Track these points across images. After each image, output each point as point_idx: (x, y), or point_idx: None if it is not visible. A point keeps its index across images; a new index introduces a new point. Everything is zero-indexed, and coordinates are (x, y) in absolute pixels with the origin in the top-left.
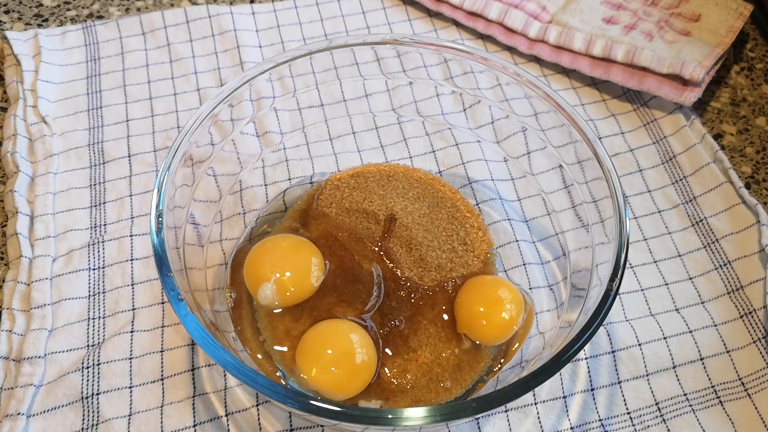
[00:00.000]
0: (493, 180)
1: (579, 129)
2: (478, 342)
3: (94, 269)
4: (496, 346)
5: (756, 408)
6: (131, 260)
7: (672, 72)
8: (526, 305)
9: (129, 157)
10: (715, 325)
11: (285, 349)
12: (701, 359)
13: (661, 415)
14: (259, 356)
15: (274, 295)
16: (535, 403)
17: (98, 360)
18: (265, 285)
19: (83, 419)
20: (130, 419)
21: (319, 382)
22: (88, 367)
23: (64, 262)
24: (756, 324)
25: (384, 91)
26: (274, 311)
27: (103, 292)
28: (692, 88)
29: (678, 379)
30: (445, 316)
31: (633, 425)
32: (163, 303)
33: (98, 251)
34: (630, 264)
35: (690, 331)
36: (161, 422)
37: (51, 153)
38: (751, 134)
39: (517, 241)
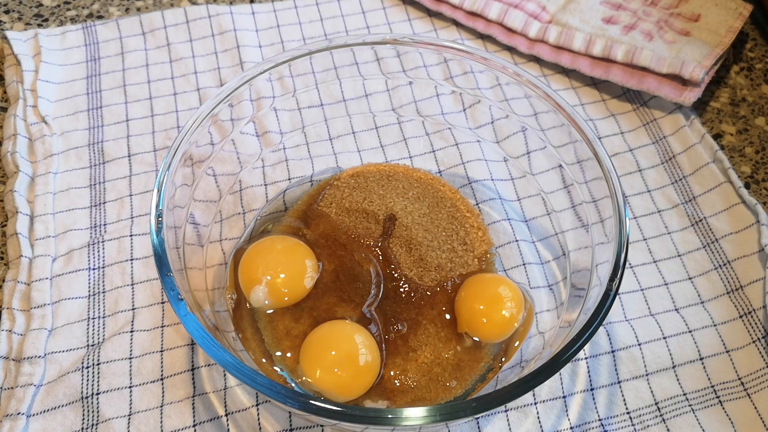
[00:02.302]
0: (493, 180)
1: (579, 129)
2: (477, 339)
3: (94, 269)
4: (497, 345)
5: (755, 408)
6: (131, 260)
7: (672, 72)
8: (526, 303)
9: (129, 156)
10: (715, 325)
11: (286, 349)
12: (701, 359)
13: (661, 415)
14: (261, 357)
15: (265, 297)
16: (535, 403)
17: (98, 360)
18: (257, 287)
19: (83, 419)
20: (129, 419)
21: (323, 383)
22: (88, 367)
23: (64, 261)
24: (755, 324)
25: (384, 91)
26: (268, 312)
27: (103, 292)
28: (692, 88)
29: (678, 379)
30: (447, 316)
31: (633, 425)
32: (163, 303)
33: (98, 251)
34: (630, 264)
35: (690, 331)
36: (161, 422)
37: (51, 153)
38: (750, 134)
39: (516, 240)
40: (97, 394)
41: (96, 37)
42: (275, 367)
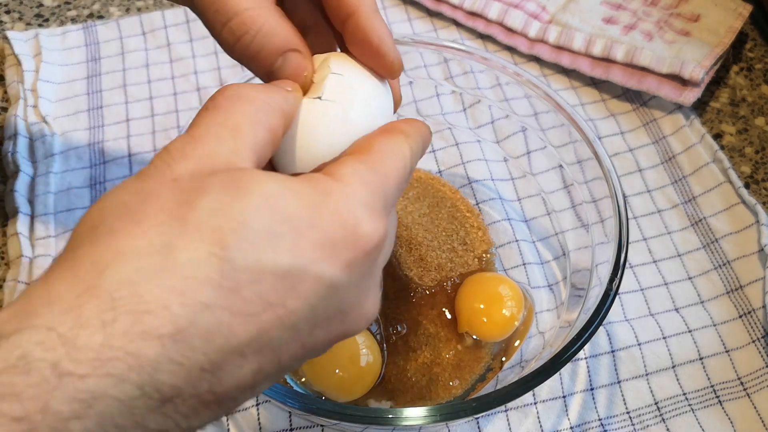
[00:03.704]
0: (493, 180)
1: (579, 129)
2: (478, 339)
3: None
4: (497, 345)
5: (755, 407)
6: None
7: (671, 72)
8: (526, 302)
9: (129, 157)
10: (715, 325)
11: None
12: (700, 359)
13: (661, 415)
14: None
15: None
16: (535, 403)
17: None
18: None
19: None
20: None
21: (324, 384)
22: None
23: None
24: (755, 324)
25: None
26: None
27: None
28: (692, 88)
29: (677, 379)
30: (447, 316)
31: (632, 425)
32: None
33: None
34: (630, 264)
35: (689, 331)
36: None
37: (51, 153)
38: (750, 134)
39: (517, 240)
40: None
41: (96, 37)
42: None
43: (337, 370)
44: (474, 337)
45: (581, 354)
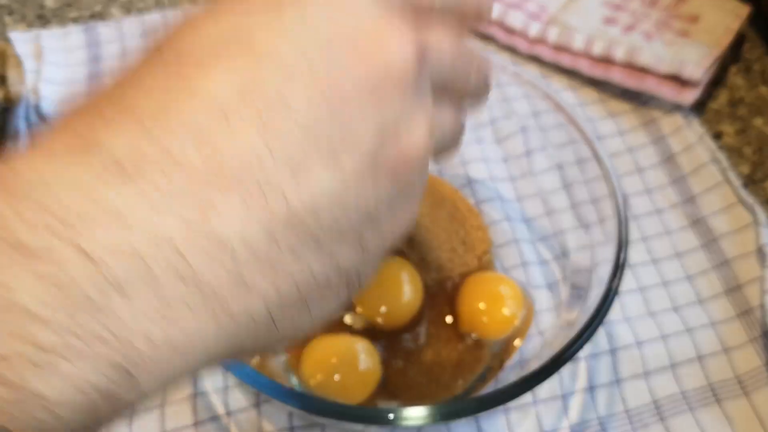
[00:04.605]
0: (493, 180)
1: (579, 129)
2: (478, 338)
3: None
4: (497, 345)
5: (753, 406)
6: None
7: (671, 72)
8: (526, 301)
9: None
10: (713, 324)
11: (287, 352)
12: (699, 358)
13: (660, 414)
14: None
15: None
16: (535, 403)
17: None
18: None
19: None
20: (130, 418)
21: (323, 389)
22: None
23: None
24: (753, 323)
25: None
26: None
27: None
28: (691, 89)
29: (676, 378)
30: (448, 316)
31: (631, 424)
32: None
33: None
34: (629, 264)
35: (688, 330)
36: (162, 421)
37: None
38: (748, 134)
39: (516, 240)
40: None
41: (98, 37)
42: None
43: (336, 376)
44: (474, 336)
45: (581, 353)
